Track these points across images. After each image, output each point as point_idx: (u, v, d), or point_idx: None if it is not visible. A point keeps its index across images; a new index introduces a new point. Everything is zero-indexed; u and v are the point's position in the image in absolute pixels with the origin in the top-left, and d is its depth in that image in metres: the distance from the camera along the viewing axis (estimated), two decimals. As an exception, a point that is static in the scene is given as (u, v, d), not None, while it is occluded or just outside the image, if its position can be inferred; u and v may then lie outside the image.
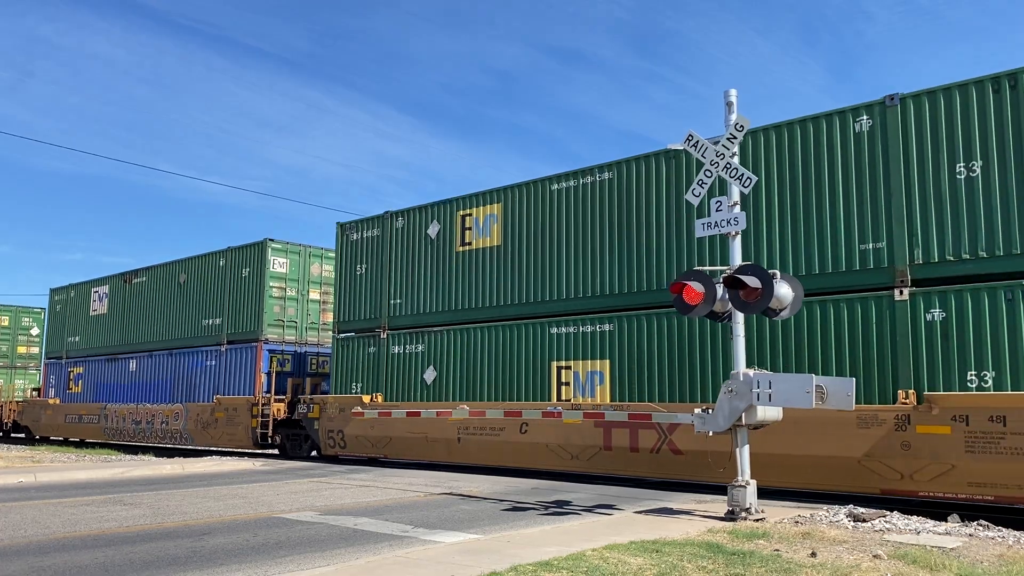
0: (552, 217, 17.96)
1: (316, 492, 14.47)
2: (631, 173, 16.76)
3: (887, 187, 13.49)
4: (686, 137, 11.81)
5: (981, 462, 11.77)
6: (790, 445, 13.27)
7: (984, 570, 7.54)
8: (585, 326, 17.02)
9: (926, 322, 12.76)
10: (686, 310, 11.16)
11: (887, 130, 13.56)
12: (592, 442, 16.29)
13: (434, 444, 19.11)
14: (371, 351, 21.11)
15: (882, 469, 12.71)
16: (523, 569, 7.12)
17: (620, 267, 16.68)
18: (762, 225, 14.75)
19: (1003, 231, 12.31)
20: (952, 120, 12.95)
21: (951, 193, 12.87)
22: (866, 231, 13.65)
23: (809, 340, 13.94)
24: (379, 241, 21.49)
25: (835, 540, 8.97)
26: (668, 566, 7.38)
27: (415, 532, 9.92)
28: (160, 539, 9.50)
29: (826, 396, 10.07)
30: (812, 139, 14.32)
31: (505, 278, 18.66)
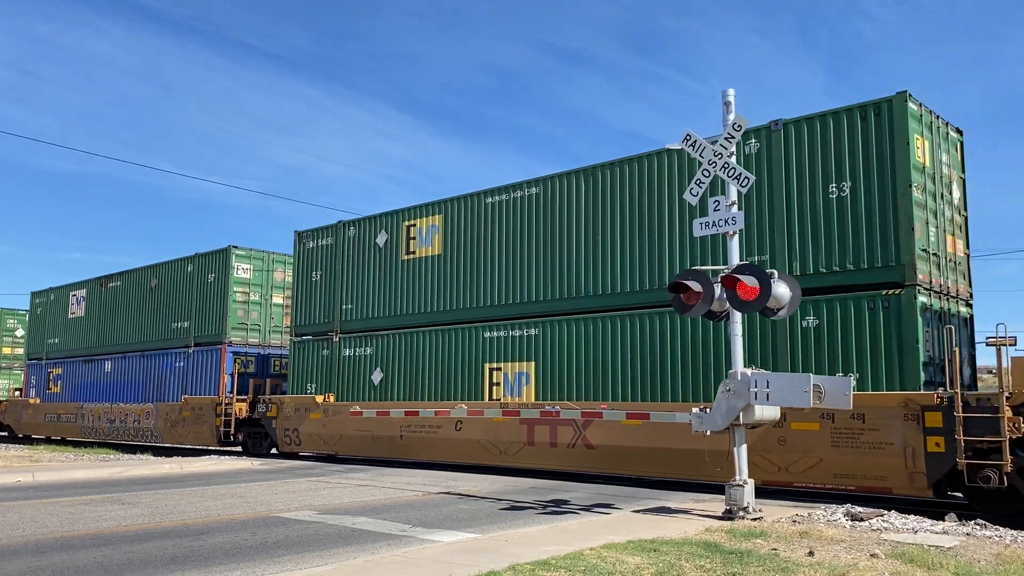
0: (486, 229, 19.13)
1: (314, 491, 14.47)
2: (555, 188, 17.99)
3: (771, 204, 14.67)
4: (684, 137, 11.82)
5: (844, 455, 13.02)
6: (677, 439, 14.57)
7: (981, 569, 7.55)
8: (514, 330, 18.19)
9: (802, 328, 14.06)
10: (684, 309, 11.17)
11: (771, 153, 14.76)
12: (517, 438, 17.47)
13: (379, 441, 20.26)
14: (325, 354, 22.27)
15: (763, 462, 13.81)
16: (521, 568, 7.13)
17: (545, 276, 17.91)
18: (675, 237, 16.00)
19: (867, 247, 13.54)
20: (827, 145, 14.13)
21: (824, 211, 14.10)
22: (753, 244, 14.78)
23: (704, 342, 15.25)
24: (332, 249, 22.62)
25: (832, 539, 8.98)
26: (666, 565, 7.39)
27: (413, 531, 9.93)
28: (158, 538, 9.50)
29: (823, 395, 10.09)
30: (672, 170, 15.85)
31: (445, 285, 19.83)
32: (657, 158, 16.30)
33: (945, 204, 14.26)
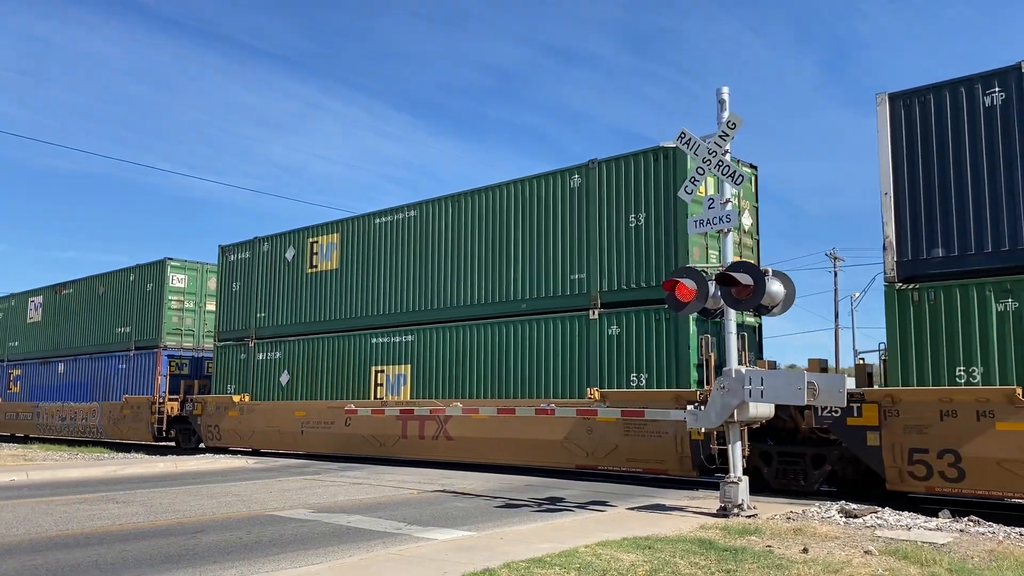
0: (375, 246, 21.51)
1: (309, 490, 14.47)
2: (428, 212, 20.38)
3: (588, 231, 17.17)
4: (679, 135, 11.84)
5: (634, 442, 15.56)
6: (517, 431, 17.17)
7: (975, 565, 7.58)
8: (395, 337, 20.59)
9: (608, 336, 16.51)
10: (678, 307, 11.19)
11: (589, 187, 17.26)
12: (393, 432, 19.82)
13: (284, 435, 22.62)
14: (242, 357, 24.57)
15: (575, 448, 16.47)
16: (516, 566, 7.14)
17: (420, 289, 20.31)
18: (508, 260, 18.52)
19: (656, 268, 16.01)
20: (629, 181, 16.60)
21: (626, 237, 16.58)
22: (575, 265, 17.35)
23: (531, 347, 17.76)
24: (250, 263, 24.98)
25: (827, 536, 9.01)
26: (660, 562, 7.40)
27: (408, 529, 9.93)
28: (153, 537, 9.49)
29: (817, 392, 10.11)
30: (542, 191, 18.07)
31: (341, 296, 22.19)
32: (511, 187, 18.66)
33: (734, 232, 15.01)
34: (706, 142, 11.52)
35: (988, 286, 12.11)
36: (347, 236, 22.14)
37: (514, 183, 18.59)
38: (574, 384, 16.88)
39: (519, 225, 18.35)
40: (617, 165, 16.78)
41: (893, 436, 12.48)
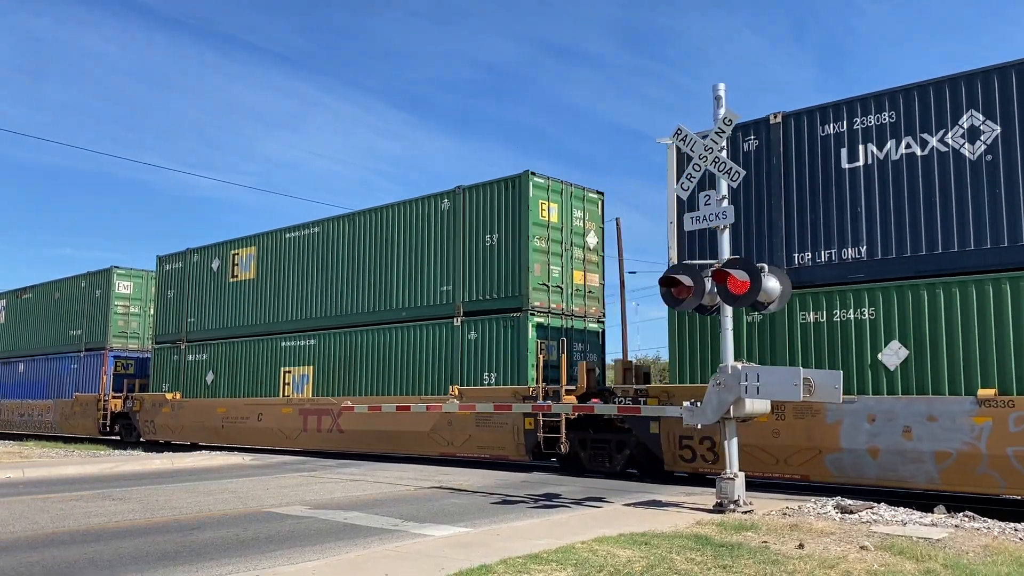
0: (285, 259, 23.97)
1: (305, 486, 14.47)
2: (328, 229, 22.75)
3: (455, 248, 19.53)
4: (675, 132, 11.84)
5: (483, 432, 17.96)
6: (395, 424, 19.38)
7: (969, 561, 7.61)
8: (300, 341, 22.96)
9: (468, 340, 18.91)
10: (675, 304, 11.21)
11: (456, 209, 19.59)
12: (296, 426, 22.18)
13: (207, 430, 25.08)
14: (175, 358, 27.00)
15: (439, 439, 18.84)
16: (513, 562, 7.15)
17: (321, 298, 22.70)
18: (391, 273, 20.95)
19: (505, 281, 18.38)
20: (487, 206, 18.99)
21: (484, 254, 18.95)
22: (444, 278, 19.71)
23: (409, 350, 20.17)
24: (182, 272, 27.44)
25: (822, 532, 9.03)
26: (657, 558, 7.42)
27: (405, 526, 9.94)
28: (150, 534, 9.48)
29: (814, 389, 10.13)
30: (419, 212, 20.52)
31: (257, 303, 24.60)
32: (394, 209, 21.12)
33: (577, 248, 19.26)
34: (703, 139, 11.52)
35: None
36: (263, 249, 24.65)
37: (396, 205, 21.10)
38: (441, 382, 19.33)
39: (400, 242, 20.86)
40: (478, 192, 19.24)
41: (668, 426, 14.89)
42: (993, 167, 12.33)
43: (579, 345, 19.01)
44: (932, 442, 12.00)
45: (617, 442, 16.31)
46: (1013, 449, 11.40)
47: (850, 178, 13.72)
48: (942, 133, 12.83)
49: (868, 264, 13.35)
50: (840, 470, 13.08)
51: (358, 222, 21.93)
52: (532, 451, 17.17)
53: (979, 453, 11.67)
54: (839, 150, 13.91)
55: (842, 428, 12.98)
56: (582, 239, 19.32)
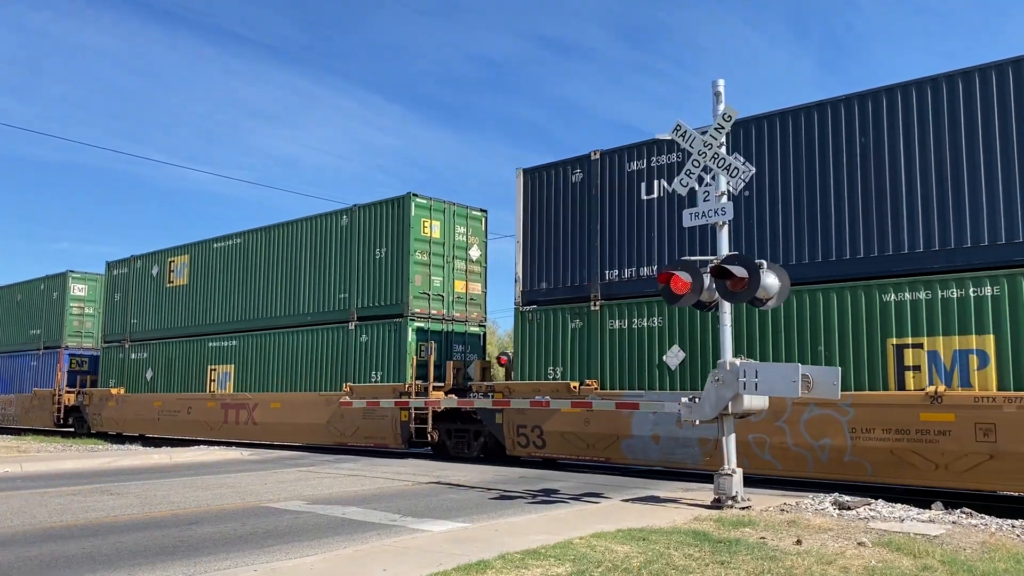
0: (212, 267, 26.21)
1: (304, 481, 14.47)
2: (249, 240, 25.03)
3: (350, 260, 21.82)
4: (674, 127, 11.82)
5: (369, 423, 20.26)
6: (296, 416, 22.13)
7: (967, 557, 7.62)
8: (224, 342, 25.04)
9: (360, 342, 21.13)
10: (673, 299, 11.19)
11: (353, 226, 21.93)
12: (219, 418, 24.39)
13: (146, 421, 27.39)
14: (120, 357, 29.16)
15: (333, 430, 21.15)
16: (511, 558, 7.15)
17: (241, 302, 24.94)
18: (299, 281, 23.25)
19: (392, 291, 20.71)
20: (379, 222, 21.31)
21: (374, 266, 21.23)
22: (341, 284, 21.99)
23: (312, 351, 22.44)
24: (128, 276, 29.65)
25: (820, 528, 9.04)
26: (655, 554, 7.42)
27: (403, 521, 9.94)
28: (148, 528, 9.48)
29: (812, 385, 10.13)
30: (322, 227, 22.75)
31: (189, 307, 26.86)
32: (302, 223, 23.42)
33: (459, 260, 21.69)
34: (702, 135, 11.51)
35: (567, 310, 17.01)
36: (194, 257, 26.96)
37: (304, 219, 23.47)
38: (339, 379, 21.44)
39: (307, 254, 23.16)
40: (371, 210, 21.57)
41: (509, 416, 17.44)
42: (754, 201, 14.61)
43: (459, 347, 21.33)
44: (699, 430, 13.47)
45: (474, 432, 19.08)
46: (755, 436, 13.98)
47: (647, 208, 16.14)
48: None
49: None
50: (632, 453, 15.67)
51: (273, 235, 24.30)
52: (407, 440, 19.71)
53: None
54: (640, 184, 16.30)
55: (634, 418, 15.50)
56: (465, 252, 21.87)
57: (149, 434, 27.67)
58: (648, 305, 15.77)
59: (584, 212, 17.02)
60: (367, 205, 21.63)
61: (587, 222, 16.93)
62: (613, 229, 16.58)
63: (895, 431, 12.57)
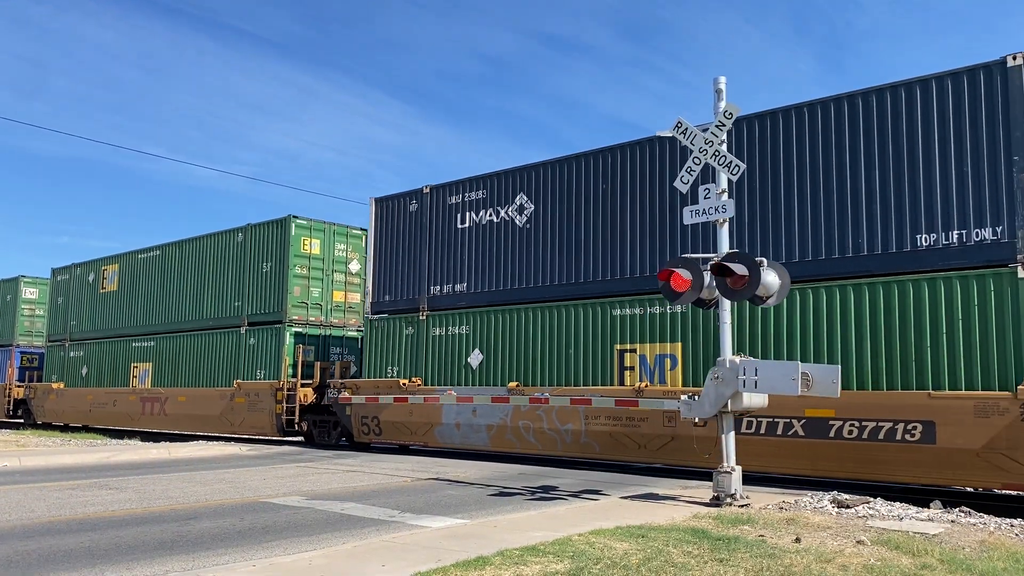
0: (137, 276, 29.14)
1: (302, 477, 14.47)
2: (167, 254, 27.87)
3: (243, 272, 24.67)
4: (675, 124, 11.80)
5: (253, 416, 23.17)
6: (197, 409, 25.01)
7: (966, 556, 7.62)
8: (145, 342, 28.06)
9: (249, 344, 23.95)
10: (673, 297, 11.18)
11: (246, 243, 24.74)
12: (138, 410, 27.40)
13: (80, 413, 30.49)
14: (61, 355, 32.17)
15: (225, 421, 23.99)
16: (510, 554, 7.14)
17: (158, 307, 27.86)
18: (204, 289, 26.11)
19: (274, 300, 23.61)
20: (266, 240, 24.18)
21: (262, 278, 24.11)
22: (236, 295, 24.85)
23: (213, 351, 25.19)
24: (68, 283, 32.77)
25: (819, 526, 9.05)
26: (654, 551, 7.42)
27: (402, 517, 9.94)
28: (146, 523, 9.48)
29: (812, 383, 10.13)
30: (223, 243, 25.56)
31: (117, 311, 29.75)
32: (207, 239, 26.29)
33: (339, 273, 24.49)
34: (703, 132, 11.49)
35: (402, 320, 20.14)
36: (123, 267, 29.79)
37: (208, 236, 26.33)
38: (231, 377, 24.18)
39: (210, 265, 25.97)
40: (261, 229, 24.38)
41: (356, 409, 20.45)
42: (533, 232, 17.86)
43: (337, 349, 23.99)
44: (486, 419, 17.70)
45: (333, 423, 22.38)
46: (523, 422, 17.20)
47: (461, 235, 19.21)
48: (507, 207, 18.36)
49: (467, 295, 18.90)
50: (442, 438, 18.83)
51: (185, 248, 27.15)
52: (281, 430, 22.39)
53: (507, 425, 17.44)
54: (457, 215, 19.41)
55: (444, 409, 18.50)
56: (344, 266, 24.57)
57: (83, 423, 30.84)
58: (459, 315, 18.94)
59: (417, 237, 20.28)
60: (257, 225, 24.59)
61: (419, 245, 20.20)
62: (437, 252, 19.77)
63: (614, 418, 15.68)
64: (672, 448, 14.89)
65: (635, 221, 16.21)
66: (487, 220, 18.72)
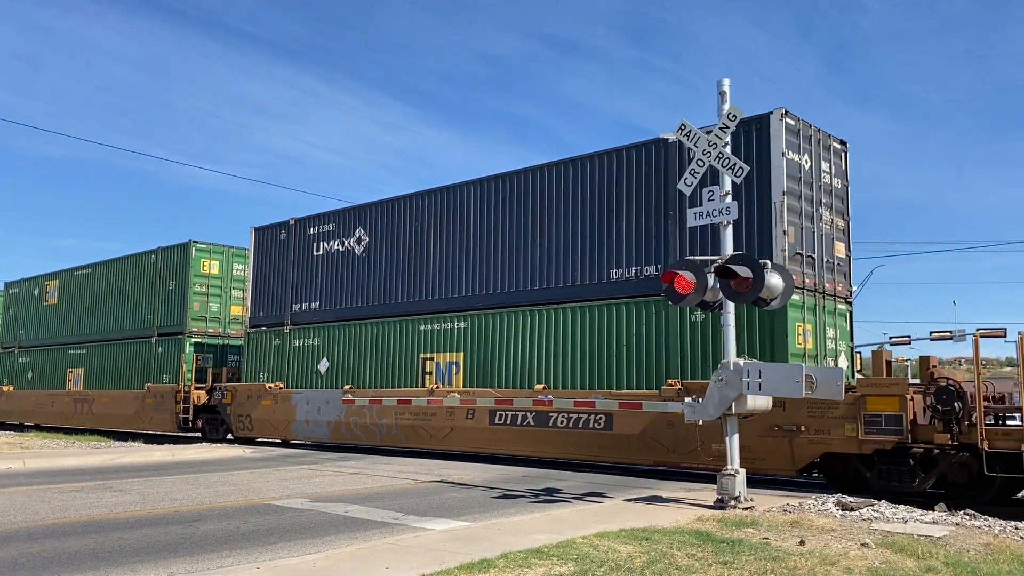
0: (72, 290, 32.51)
1: (306, 479, 14.47)
2: (97, 272, 31.23)
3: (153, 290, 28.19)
4: (679, 127, 11.80)
5: (156, 415, 26.43)
6: (118, 408, 28.30)
7: (971, 559, 7.60)
8: (78, 350, 31.24)
9: (158, 353, 27.23)
10: (677, 299, 11.17)
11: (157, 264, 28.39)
12: (71, 410, 30.55)
13: (26, 412, 33.72)
14: (11, 360, 35.82)
15: (137, 420, 27.42)
16: (514, 556, 7.14)
17: (89, 319, 31.18)
18: (125, 304, 29.54)
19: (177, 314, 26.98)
20: (170, 263, 27.62)
21: (168, 295, 27.48)
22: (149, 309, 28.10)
23: (130, 359, 28.64)
24: (19, 295, 36.31)
25: (823, 529, 9.03)
26: (657, 554, 7.41)
27: (405, 519, 9.94)
28: (150, 525, 9.49)
29: (815, 385, 10.12)
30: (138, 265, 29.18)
31: (57, 322, 33.12)
32: (123, 261, 29.82)
33: (236, 290, 27.30)
34: (707, 134, 11.48)
35: (271, 332, 23.81)
36: (62, 282, 33.15)
37: (129, 257, 29.66)
38: (143, 381, 27.44)
39: (129, 283, 29.28)
40: (168, 252, 27.62)
41: (234, 409, 24.15)
42: (368, 260, 21.55)
43: (235, 357, 26.57)
44: (327, 415, 21.45)
45: (220, 420, 25.14)
46: (353, 419, 20.76)
47: (317, 261, 22.93)
48: (349, 239, 22.10)
49: (319, 312, 22.60)
50: (296, 433, 22.47)
51: (111, 267, 30.40)
52: (180, 427, 25.69)
53: (342, 421, 21.04)
54: (313, 244, 23.09)
55: (297, 408, 22.29)
56: (243, 284, 26.88)
57: (28, 422, 34.24)
58: (312, 329, 22.69)
59: (284, 262, 23.86)
60: (165, 248, 28.04)
61: (286, 269, 23.76)
62: (298, 275, 23.37)
63: (414, 414, 19.33)
64: (453, 437, 18.68)
65: (438, 253, 19.95)
66: (335, 249, 22.57)
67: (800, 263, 14.59)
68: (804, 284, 14.59)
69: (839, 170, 16.21)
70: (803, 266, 14.70)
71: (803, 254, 14.71)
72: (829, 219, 15.62)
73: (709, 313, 14.08)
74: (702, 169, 11.61)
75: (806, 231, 14.88)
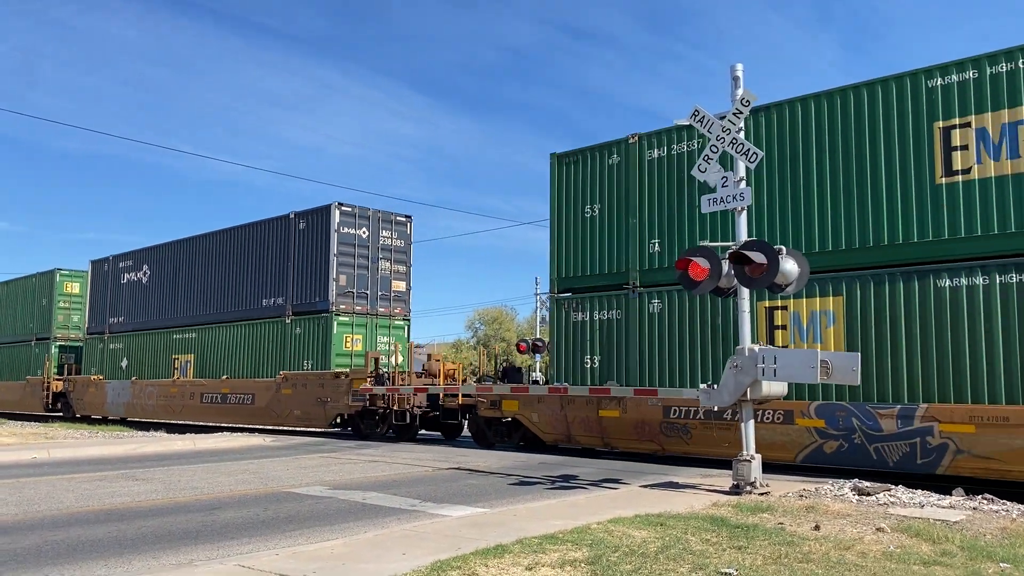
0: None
1: (325, 467, 14.62)
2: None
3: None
4: (692, 112, 11.76)
5: (33, 400, 35.53)
6: (23, 395, 36.14)
7: (987, 543, 7.59)
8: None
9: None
10: (691, 286, 11.16)
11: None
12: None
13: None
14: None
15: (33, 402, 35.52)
16: (529, 542, 7.20)
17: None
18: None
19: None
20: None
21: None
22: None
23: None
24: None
25: (839, 514, 9.03)
26: (672, 539, 7.45)
27: (423, 506, 10.03)
28: (172, 513, 9.64)
29: (831, 371, 10.10)
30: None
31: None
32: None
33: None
34: (720, 120, 11.44)
35: (99, 339, 32.84)
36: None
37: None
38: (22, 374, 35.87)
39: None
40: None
41: (74, 394, 32.95)
42: (150, 287, 30.17)
43: None
44: (123, 398, 30.00)
45: (68, 403, 32.78)
46: (136, 401, 29.11)
47: (123, 288, 31.73)
48: (139, 272, 31.06)
49: (122, 324, 31.78)
50: (109, 411, 31.06)
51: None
52: (46, 408, 33.79)
53: (131, 403, 29.49)
54: (121, 274, 31.85)
55: (108, 393, 31.43)
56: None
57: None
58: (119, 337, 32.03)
59: (106, 286, 32.91)
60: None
61: (107, 292, 32.74)
62: (113, 297, 31.59)
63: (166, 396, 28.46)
64: (184, 412, 27.54)
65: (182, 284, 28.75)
66: (133, 279, 31.32)
67: (352, 297, 23.32)
68: (355, 311, 23.35)
69: (403, 234, 24.73)
70: (355, 300, 23.38)
71: (354, 291, 23.30)
72: (388, 267, 24.22)
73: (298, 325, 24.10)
74: (716, 154, 11.57)
75: (359, 277, 23.42)
